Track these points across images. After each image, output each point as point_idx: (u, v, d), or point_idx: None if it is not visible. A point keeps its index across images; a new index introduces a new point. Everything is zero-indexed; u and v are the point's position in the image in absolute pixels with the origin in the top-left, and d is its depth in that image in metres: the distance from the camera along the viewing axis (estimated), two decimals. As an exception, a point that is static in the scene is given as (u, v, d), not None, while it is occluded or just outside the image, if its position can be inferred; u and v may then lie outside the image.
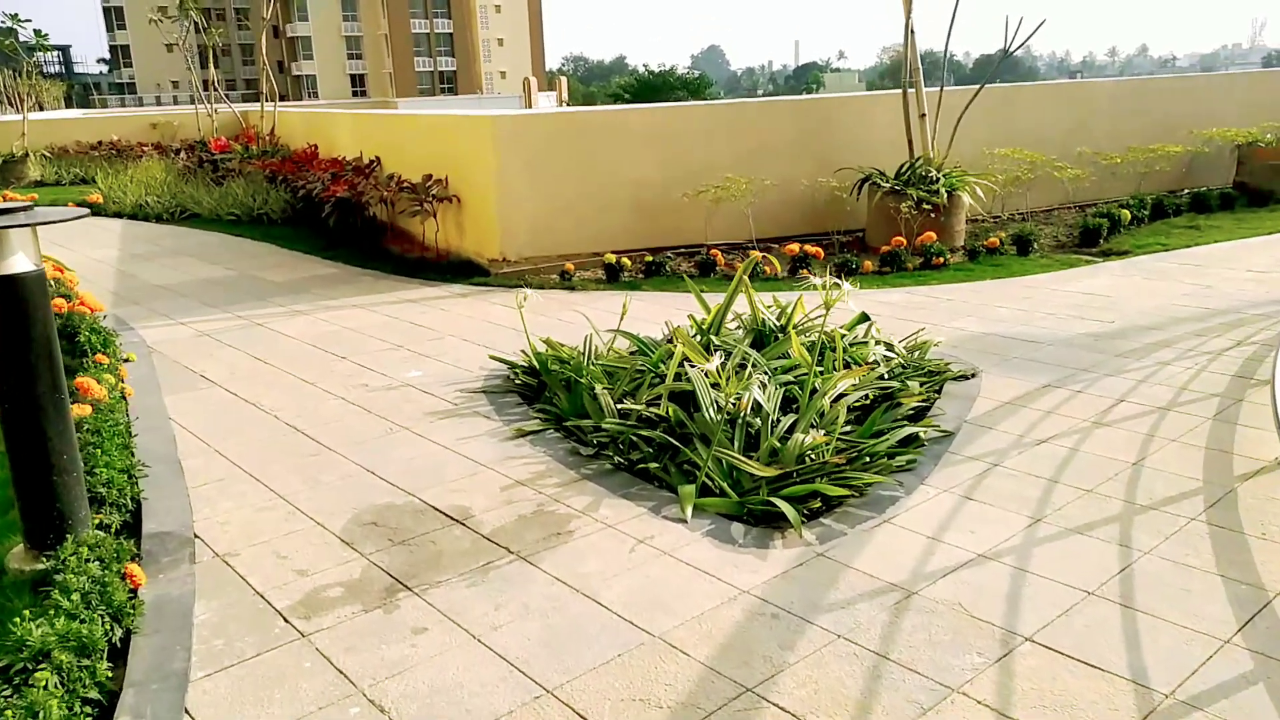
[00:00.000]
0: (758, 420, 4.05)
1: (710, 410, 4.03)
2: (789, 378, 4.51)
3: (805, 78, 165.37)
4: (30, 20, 21.23)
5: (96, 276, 8.92)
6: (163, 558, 3.35)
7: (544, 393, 5.00)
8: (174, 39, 21.96)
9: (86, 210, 3.15)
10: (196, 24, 20.36)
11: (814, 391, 4.20)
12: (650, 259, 8.10)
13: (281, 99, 21.50)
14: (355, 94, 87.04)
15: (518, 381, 5.23)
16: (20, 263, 3.06)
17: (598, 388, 4.62)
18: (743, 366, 4.61)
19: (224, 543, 3.46)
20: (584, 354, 5.07)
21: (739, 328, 5.29)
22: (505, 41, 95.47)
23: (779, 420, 4.07)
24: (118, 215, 13.21)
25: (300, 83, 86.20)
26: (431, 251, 9.29)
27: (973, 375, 5.02)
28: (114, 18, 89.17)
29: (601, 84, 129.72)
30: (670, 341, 5.32)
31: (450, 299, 7.48)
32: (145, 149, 19.44)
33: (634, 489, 3.83)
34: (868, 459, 3.84)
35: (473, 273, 8.34)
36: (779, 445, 3.89)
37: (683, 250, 8.84)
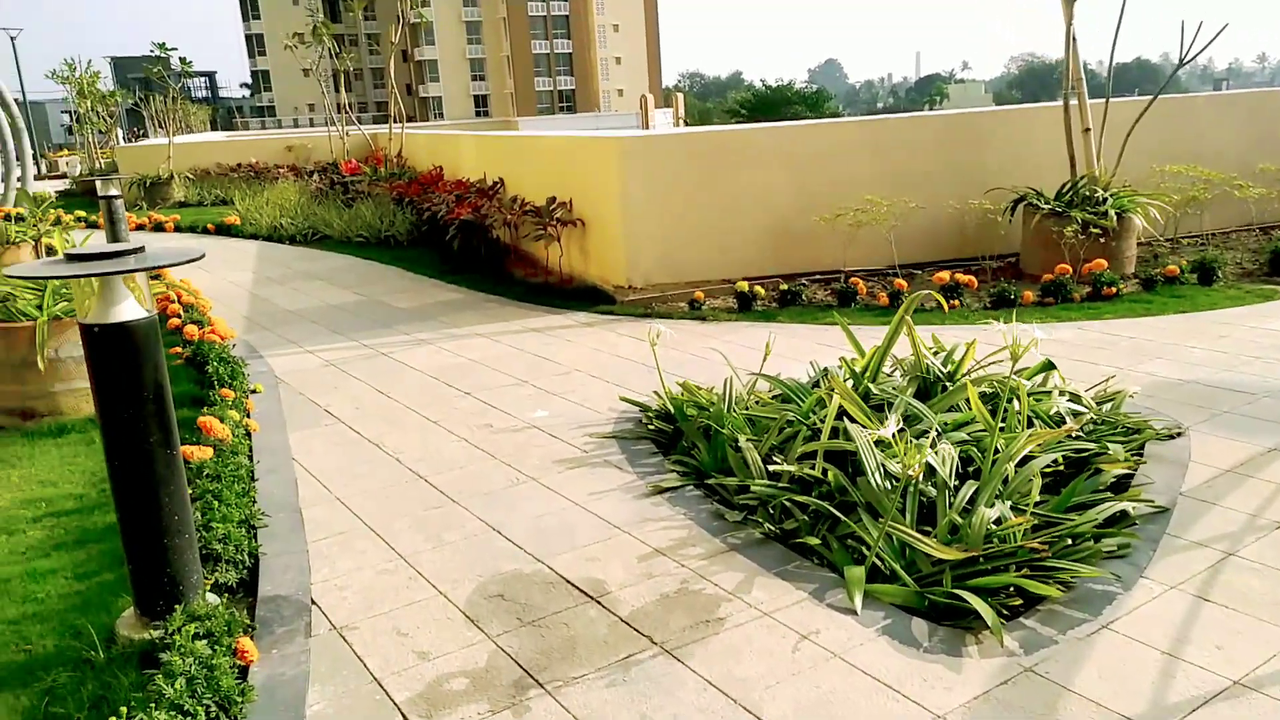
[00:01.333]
0: (931, 488, 3.52)
1: (876, 475, 3.53)
2: (963, 435, 3.95)
3: (928, 90, 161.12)
4: (176, 49, 22.38)
5: (231, 300, 9.03)
6: (277, 627, 3.07)
7: (680, 441, 4.58)
8: (309, 64, 22.79)
9: (200, 253, 2.92)
10: (330, 50, 21.02)
11: (996, 454, 3.64)
12: (785, 287, 7.60)
13: (409, 120, 21.98)
14: (478, 114, 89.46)
15: (651, 427, 4.83)
16: (130, 309, 2.83)
17: (741, 440, 4.17)
18: (907, 421, 4.08)
19: (342, 612, 3.17)
20: (724, 399, 4.63)
21: (895, 370, 4.74)
22: (623, 60, 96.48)
23: (957, 488, 3.53)
24: (254, 236, 13.57)
25: (427, 104, 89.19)
26: (555, 276, 9.05)
27: (1179, 434, 4.33)
28: (255, 45, 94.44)
29: (718, 100, 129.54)
30: (817, 386, 4.83)
31: (575, 329, 7.17)
32: (281, 171, 20.13)
33: (790, 566, 3.35)
34: (1069, 541, 3.26)
35: (597, 300, 8.03)
36: (960, 520, 3.35)
37: (818, 277, 8.31)
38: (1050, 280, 7.36)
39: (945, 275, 7.40)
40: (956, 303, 7.30)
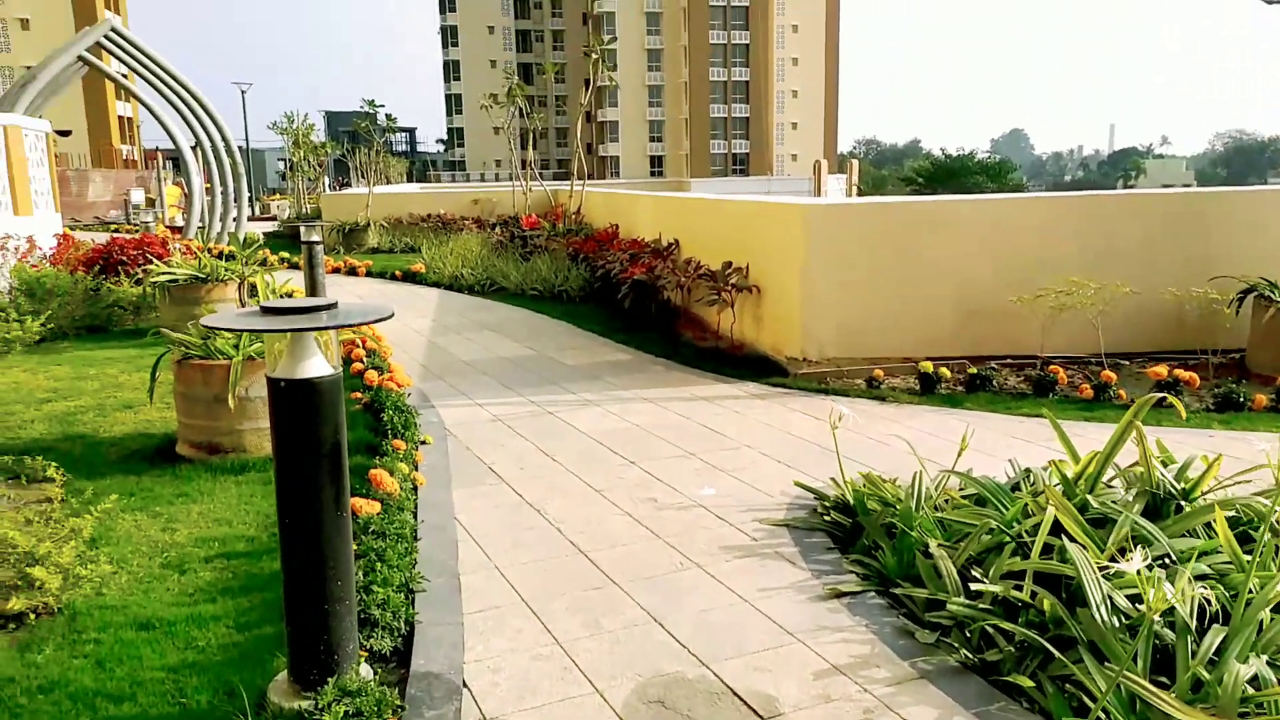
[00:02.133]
0: (1168, 630, 2.99)
1: (1102, 609, 3.03)
2: (1203, 568, 3.38)
3: (1123, 164, 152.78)
4: (384, 105, 24.03)
5: (410, 347, 9.31)
6: (427, 710, 2.91)
7: (860, 538, 4.19)
8: (500, 123, 23.93)
9: (389, 312, 2.85)
10: (521, 110, 21.96)
11: (1249, 595, 3.07)
12: (973, 371, 7.05)
13: (589, 177, 22.76)
14: (653, 173, 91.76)
15: (827, 518, 4.46)
16: (317, 366, 2.79)
17: (932, 545, 3.75)
18: (1133, 543, 3.54)
19: (493, 701, 2.97)
20: (912, 494, 4.21)
21: (1114, 478, 4.18)
22: (799, 125, 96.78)
23: (1200, 633, 2.98)
24: (436, 284, 14.13)
25: (605, 163, 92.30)
26: (725, 341, 8.82)
27: None
28: (453, 104, 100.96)
29: (894, 167, 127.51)
30: (1017, 489, 4.34)
31: (745, 400, 6.89)
32: (466, 222, 21.06)
33: (993, 707, 2.91)
34: (1353, 720, 2.66)
35: (769, 370, 7.72)
36: (1206, 675, 2.81)
37: (1009, 361, 7.69)
38: (1289, 383, 6.48)
39: (1162, 370, 6.65)
40: (1174, 399, 6.52)
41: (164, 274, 9.85)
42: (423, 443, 5.83)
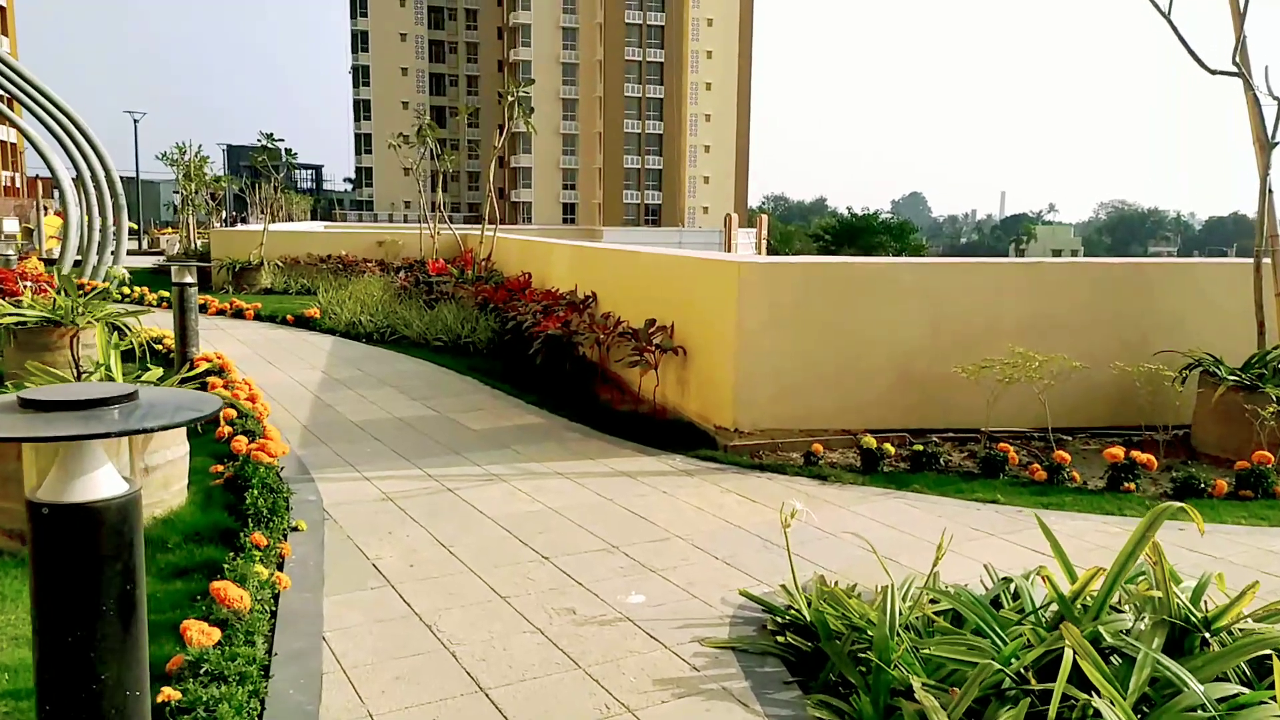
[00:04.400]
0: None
1: (1156, 800, 2.36)
2: (1250, 725, 2.76)
3: (1015, 228, 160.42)
4: (283, 139, 22.82)
5: (293, 403, 8.29)
6: None
7: (823, 667, 3.46)
8: (410, 163, 23.01)
9: (208, 413, 2.01)
10: (432, 151, 21.11)
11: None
12: (918, 447, 6.49)
13: (501, 222, 21.85)
14: (565, 220, 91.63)
15: (781, 639, 3.72)
16: (103, 483, 1.92)
17: (916, 686, 3.05)
18: (1154, 685, 2.92)
19: None
20: (884, 616, 3.51)
21: (1122, 601, 3.57)
22: (711, 179, 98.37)
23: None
24: (331, 331, 13.05)
25: (517, 208, 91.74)
26: (647, 405, 8.10)
27: None
28: (362, 143, 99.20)
29: (801, 223, 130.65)
30: (998, 604, 3.70)
31: (673, 478, 6.15)
32: (369, 265, 19.97)
33: None
34: None
35: (696, 440, 7.02)
36: None
37: (952, 435, 7.19)
38: (1246, 469, 6.11)
39: (1118, 451, 6.20)
40: (1131, 486, 6.08)
41: (9, 315, 8.60)
42: (294, 529, 4.89)
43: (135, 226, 48.54)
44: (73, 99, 19.05)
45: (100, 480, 1.92)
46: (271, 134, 21.17)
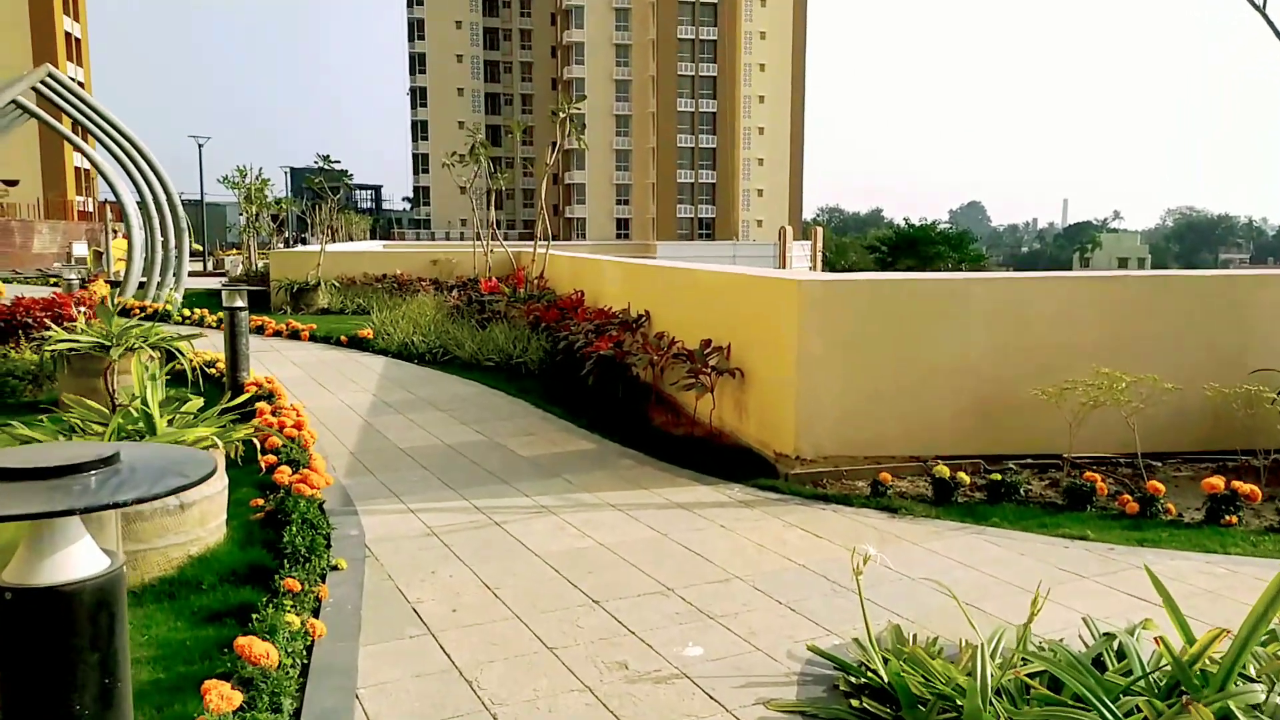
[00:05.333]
0: None
1: None
2: None
3: (1078, 237, 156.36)
4: (339, 161, 23.01)
5: (341, 428, 8.13)
6: None
7: (904, 739, 3.09)
8: (464, 182, 23.08)
9: (202, 474, 1.75)
10: (486, 169, 21.10)
11: None
12: (996, 477, 6.04)
13: (554, 238, 21.81)
14: (619, 236, 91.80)
15: (856, 703, 3.36)
16: (76, 562, 1.67)
17: (1016, 769, 2.66)
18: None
19: None
20: (976, 682, 3.12)
21: (1218, 661, 3.13)
22: (765, 192, 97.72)
23: None
24: (384, 352, 12.96)
25: (571, 224, 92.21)
26: (702, 429, 7.77)
27: None
28: (420, 163, 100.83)
29: (857, 235, 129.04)
30: (1100, 664, 3.29)
31: (731, 510, 5.80)
32: (423, 284, 19.98)
33: None
34: None
35: (755, 468, 6.66)
36: None
37: (1030, 461, 6.71)
38: (1366, 500, 5.55)
39: (1217, 482, 5.68)
40: (1233, 519, 5.57)
41: (63, 341, 8.61)
42: (333, 568, 4.66)
43: (200, 248, 49.83)
44: (140, 124, 19.46)
45: (75, 558, 1.67)
46: (328, 156, 21.45)
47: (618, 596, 4.39)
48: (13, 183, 50.76)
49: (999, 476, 6.01)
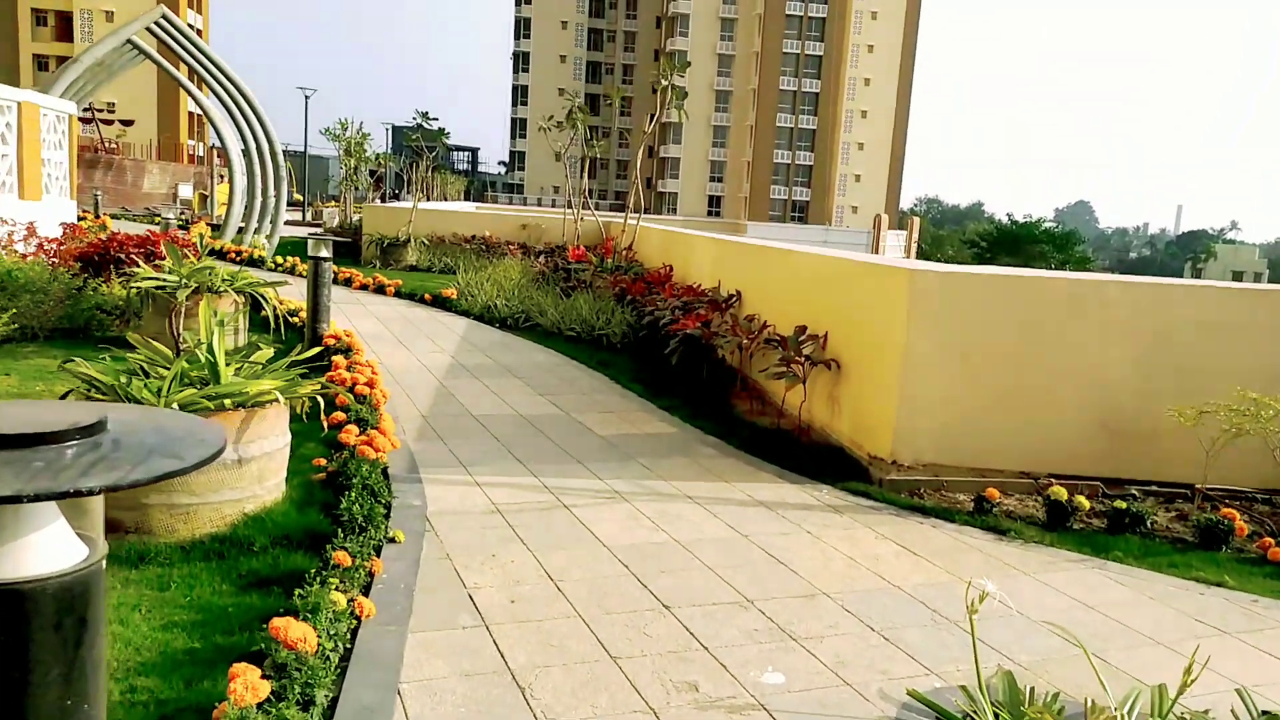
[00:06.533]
0: None
1: None
2: None
3: (1192, 245, 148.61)
4: (437, 119, 22.93)
5: (415, 389, 7.91)
6: None
7: (1021, 818, 2.62)
8: (559, 147, 22.81)
9: (212, 449, 1.39)
10: (582, 136, 20.76)
11: None
12: (1120, 504, 5.42)
13: (645, 212, 21.39)
14: (710, 213, 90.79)
15: (962, 765, 2.89)
16: (39, 553, 1.32)
17: None
18: None
19: None
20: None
21: None
22: (863, 177, 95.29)
23: None
24: (466, 313, 12.78)
25: (663, 199, 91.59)
26: (789, 421, 7.29)
27: None
28: (518, 127, 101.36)
29: (955, 228, 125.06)
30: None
31: (819, 514, 5.33)
32: (511, 247, 19.81)
33: None
34: None
35: (846, 469, 6.16)
36: None
37: (1155, 488, 6.05)
38: None
39: (1388, 533, 4.97)
40: (1401, 579, 4.85)
41: (149, 279, 8.59)
42: (390, 540, 4.37)
43: (301, 199, 50.98)
44: (250, 75, 19.71)
45: (39, 547, 1.33)
46: (426, 113, 21.37)
47: (691, 603, 3.98)
48: (129, 123, 52.71)
49: (1124, 504, 5.38)
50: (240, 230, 20.09)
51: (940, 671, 3.51)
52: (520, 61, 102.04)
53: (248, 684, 2.60)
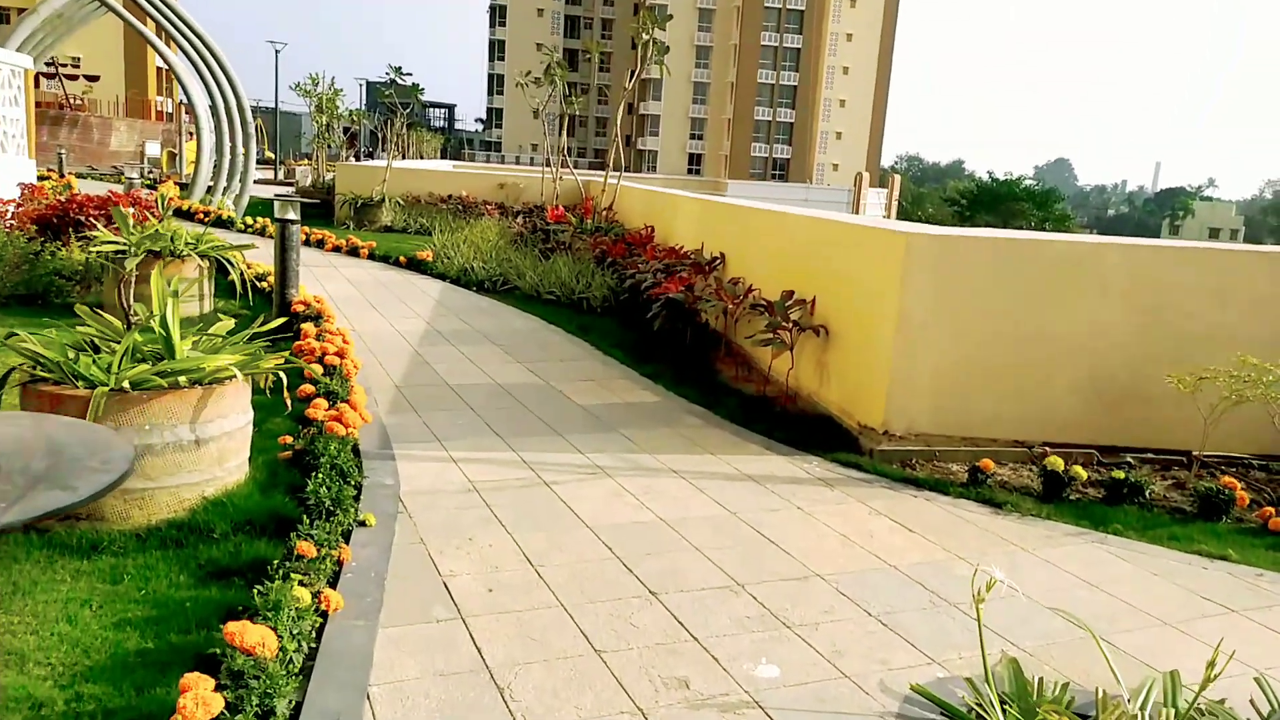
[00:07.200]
0: None
1: None
2: None
3: (1169, 203, 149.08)
4: (411, 74, 22.27)
5: (389, 356, 7.63)
6: None
7: (1035, 827, 2.45)
8: (537, 104, 22.26)
9: (99, 486, 1.14)
10: (561, 92, 20.24)
11: None
12: (1119, 474, 5.26)
13: (625, 170, 20.98)
14: (690, 171, 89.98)
15: (971, 768, 2.72)
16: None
17: None
18: None
19: None
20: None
21: None
22: (844, 135, 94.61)
23: None
24: (442, 276, 12.43)
25: (643, 156, 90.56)
26: (775, 388, 7.09)
27: None
28: (495, 83, 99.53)
29: (935, 185, 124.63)
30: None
31: (809, 488, 5.14)
32: (488, 207, 19.37)
33: None
34: None
35: (835, 440, 5.97)
36: None
37: (1151, 456, 5.91)
38: None
39: (1390, 503, 4.85)
40: (1405, 550, 4.73)
41: (109, 243, 8.21)
42: (361, 524, 4.14)
43: (272, 156, 49.85)
44: (219, 30, 19.04)
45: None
46: (400, 68, 20.69)
47: (679, 589, 3.78)
48: (94, 78, 51.21)
49: (1121, 474, 5.22)
50: (209, 190, 19.53)
51: (943, 660, 3.33)
52: (497, 15, 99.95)
53: (199, 698, 2.37)
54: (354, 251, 14.48)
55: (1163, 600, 3.96)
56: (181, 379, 4.03)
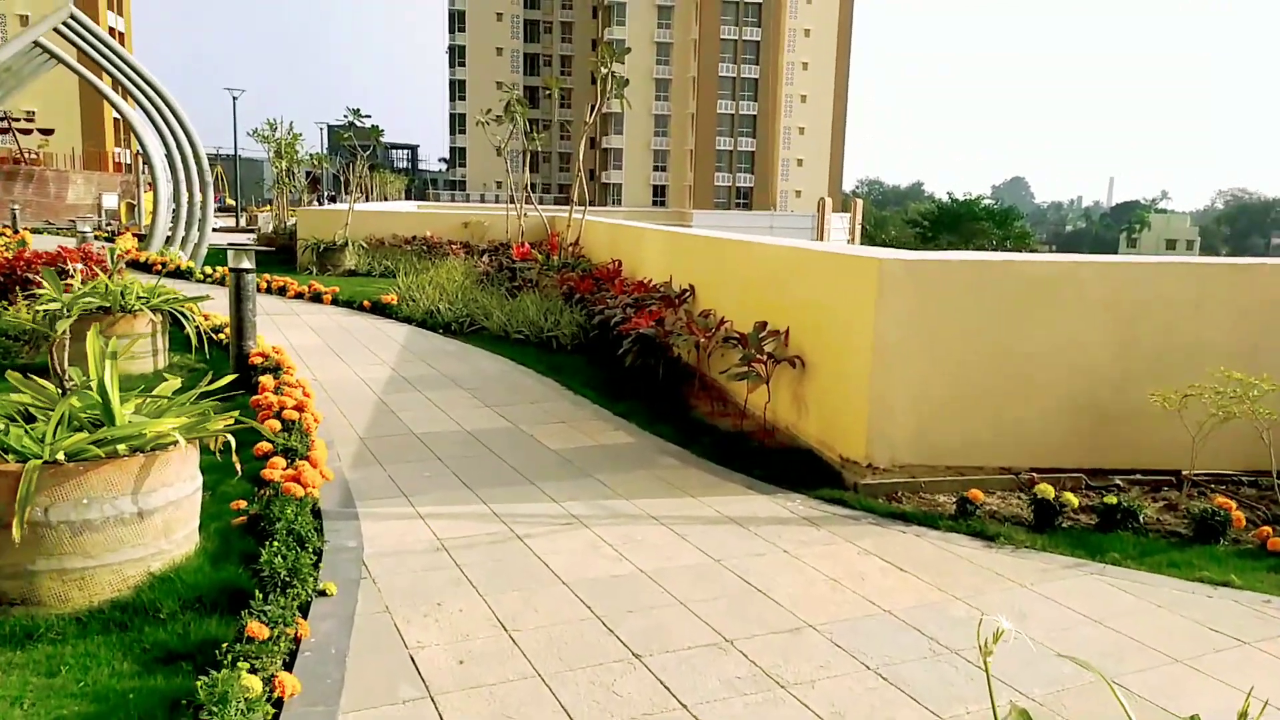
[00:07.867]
0: None
1: None
2: None
3: (1125, 216, 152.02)
4: (370, 116, 22.08)
5: (353, 407, 7.35)
6: None
7: None
8: (499, 142, 22.17)
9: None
10: (522, 129, 20.15)
11: None
12: (1111, 499, 5.10)
13: (590, 204, 20.88)
14: (655, 203, 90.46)
15: (990, 842, 2.50)
16: None
17: None
18: None
19: None
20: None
21: None
22: (805, 162, 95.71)
23: None
24: (408, 320, 12.16)
25: (607, 190, 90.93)
26: (752, 422, 6.90)
27: None
28: (457, 123, 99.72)
29: (897, 208, 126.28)
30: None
31: (794, 529, 4.93)
32: (454, 247, 19.16)
33: None
34: None
35: (818, 476, 5.77)
36: None
37: (1140, 477, 5.77)
38: None
39: (1388, 518, 4.73)
40: (1407, 565, 4.60)
41: (53, 301, 7.89)
42: (321, 594, 3.87)
43: (233, 203, 49.33)
44: (178, 77, 18.80)
45: None
46: (358, 110, 20.51)
47: (664, 649, 3.55)
48: (48, 131, 50.59)
49: (1114, 499, 5.07)
50: (168, 240, 19.17)
51: (949, 715, 3.12)
52: (456, 55, 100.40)
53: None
54: (317, 298, 14.19)
55: (1170, 634, 3.78)
56: (121, 447, 3.75)
